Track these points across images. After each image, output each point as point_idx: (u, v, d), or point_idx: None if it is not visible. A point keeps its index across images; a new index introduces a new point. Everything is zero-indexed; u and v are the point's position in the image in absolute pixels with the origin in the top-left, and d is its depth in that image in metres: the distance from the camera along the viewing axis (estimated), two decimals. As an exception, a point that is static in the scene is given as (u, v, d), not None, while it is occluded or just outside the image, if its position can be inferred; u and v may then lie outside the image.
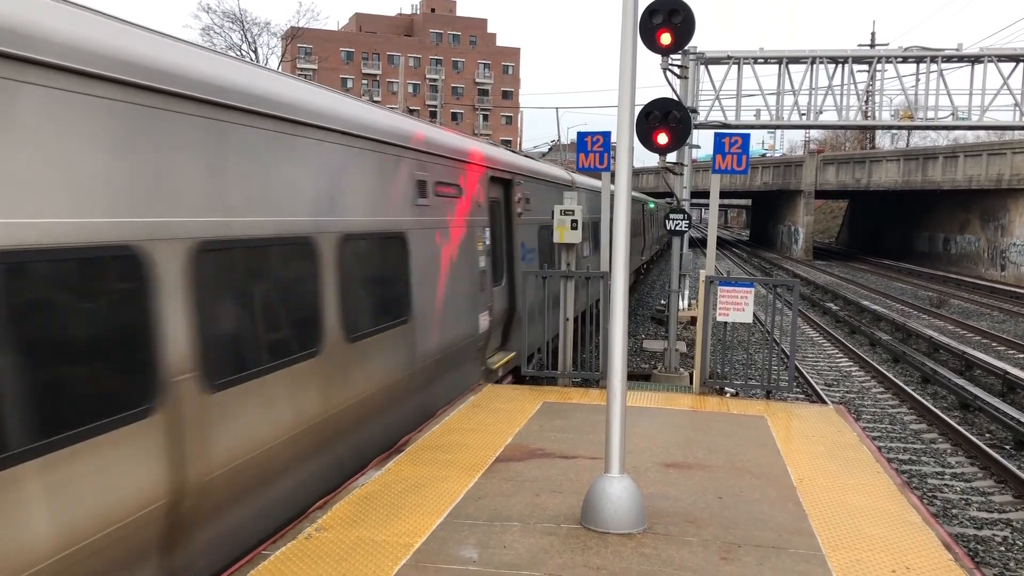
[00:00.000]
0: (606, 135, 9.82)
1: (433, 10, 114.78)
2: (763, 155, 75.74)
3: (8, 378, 3.17)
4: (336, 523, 4.99)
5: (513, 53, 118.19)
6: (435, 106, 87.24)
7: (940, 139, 71.72)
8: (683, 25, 10.12)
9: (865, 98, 29.26)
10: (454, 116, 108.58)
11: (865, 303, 29.33)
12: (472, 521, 5.07)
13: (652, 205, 36.76)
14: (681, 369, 14.85)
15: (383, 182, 6.70)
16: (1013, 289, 34.85)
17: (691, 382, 10.30)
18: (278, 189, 5.07)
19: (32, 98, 3.32)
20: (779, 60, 28.60)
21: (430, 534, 4.85)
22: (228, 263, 4.58)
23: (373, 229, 6.43)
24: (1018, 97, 26.99)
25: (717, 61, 28.21)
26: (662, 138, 9.95)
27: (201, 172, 4.36)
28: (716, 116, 28.62)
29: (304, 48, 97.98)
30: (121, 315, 3.78)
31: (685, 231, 14.72)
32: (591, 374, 9.52)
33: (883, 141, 78.26)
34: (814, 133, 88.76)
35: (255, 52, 60.52)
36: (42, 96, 3.36)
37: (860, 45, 59.10)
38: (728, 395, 9.25)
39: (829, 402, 13.86)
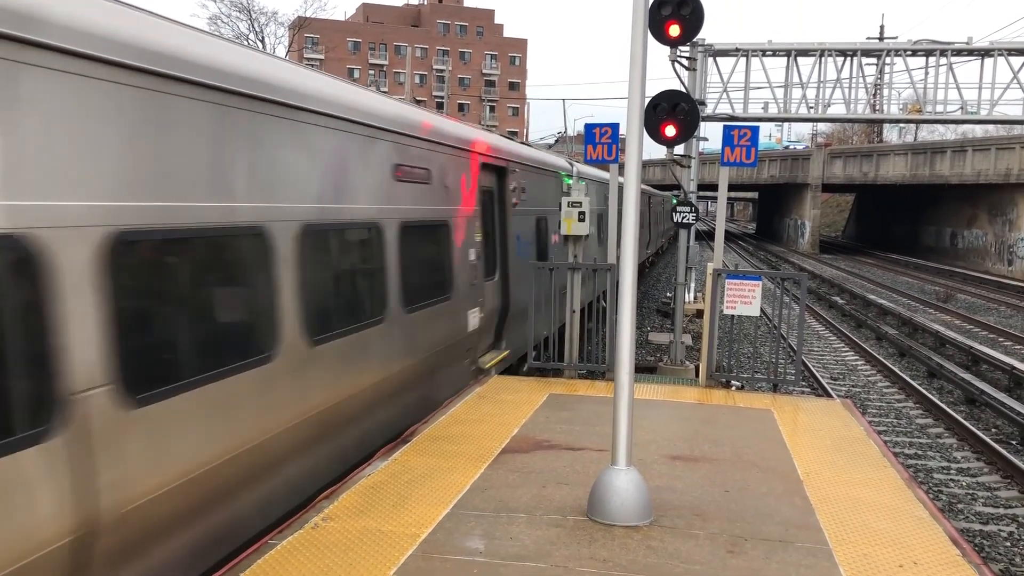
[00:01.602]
0: (615, 126, 9.69)
1: (440, 0, 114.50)
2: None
3: None
4: (343, 513, 5.00)
5: (520, 44, 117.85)
6: (442, 97, 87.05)
7: (948, 133, 71.36)
8: (691, 17, 10.09)
9: (873, 91, 29.01)
10: (460, 107, 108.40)
11: (871, 297, 29.25)
12: (478, 512, 5.07)
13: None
14: (687, 362, 14.86)
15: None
16: (1020, 284, 34.71)
17: (697, 375, 10.29)
18: None
19: None
20: (787, 52, 28.36)
21: (436, 525, 4.86)
22: None
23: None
24: (1028, 91, 26.74)
25: (725, 53, 27.99)
26: (670, 130, 9.90)
27: None
28: (724, 108, 28.40)
29: (311, 38, 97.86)
30: None
31: (692, 224, 14.70)
32: (597, 366, 9.49)
33: (891, 135, 77.83)
34: (821, 126, 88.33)
35: (262, 41, 60.50)
36: None
37: (869, 38, 58.75)
38: (734, 388, 9.23)
39: (835, 396, 13.83)
